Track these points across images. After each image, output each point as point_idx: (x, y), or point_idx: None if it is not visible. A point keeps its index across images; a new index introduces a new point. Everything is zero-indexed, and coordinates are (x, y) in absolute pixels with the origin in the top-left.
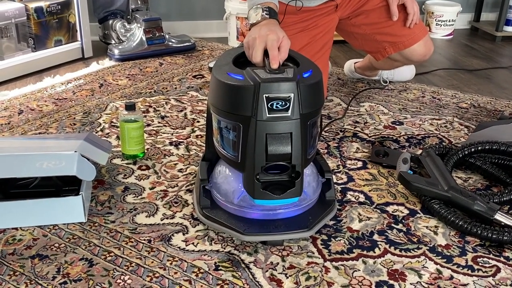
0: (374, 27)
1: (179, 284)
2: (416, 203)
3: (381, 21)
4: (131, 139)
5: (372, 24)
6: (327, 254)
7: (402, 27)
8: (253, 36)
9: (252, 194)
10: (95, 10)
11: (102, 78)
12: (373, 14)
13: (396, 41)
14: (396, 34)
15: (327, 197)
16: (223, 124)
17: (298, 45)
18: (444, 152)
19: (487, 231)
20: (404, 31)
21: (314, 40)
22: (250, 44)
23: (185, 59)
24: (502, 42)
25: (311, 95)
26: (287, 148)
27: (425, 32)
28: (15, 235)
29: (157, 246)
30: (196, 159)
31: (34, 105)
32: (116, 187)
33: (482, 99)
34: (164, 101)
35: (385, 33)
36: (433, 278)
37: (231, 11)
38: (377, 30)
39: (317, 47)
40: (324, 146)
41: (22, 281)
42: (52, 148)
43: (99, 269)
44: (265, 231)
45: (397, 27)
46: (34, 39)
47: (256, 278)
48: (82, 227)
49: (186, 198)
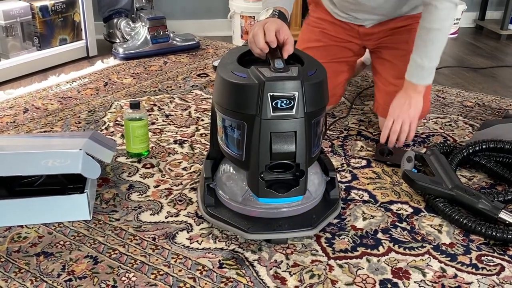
0: (381, 78)
1: (183, 282)
2: (420, 202)
3: (387, 77)
4: (136, 137)
5: (382, 76)
6: (331, 252)
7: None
8: (254, 29)
9: (256, 192)
10: (99, 9)
11: (107, 77)
12: (387, 65)
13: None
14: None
15: (331, 195)
16: (228, 122)
17: (309, 38)
18: (449, 150)
19: (492, 230)
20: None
21: (326, 45)
22: (254, 35)
23: (189, 57)
24: (507, 41)
25: (316, 94)
26: (291, 147)
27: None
28: (20, 233)
29: (161, 244)
30: (201, 157)
31: (39, 104)
32: (121, 185)
33: (487, 98)
34: (169, 100)
35: (382, 92)
36: (437, 276)
37: (235, 10)
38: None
39: (326, 54)
40: (328, 144)
41: (28, 278)
42: (57, 146)
43: (104, 267)
44: (269, 229)
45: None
46: (39, 37)
47: (260, 276)
48: (87, 225)
49: (190, 196)
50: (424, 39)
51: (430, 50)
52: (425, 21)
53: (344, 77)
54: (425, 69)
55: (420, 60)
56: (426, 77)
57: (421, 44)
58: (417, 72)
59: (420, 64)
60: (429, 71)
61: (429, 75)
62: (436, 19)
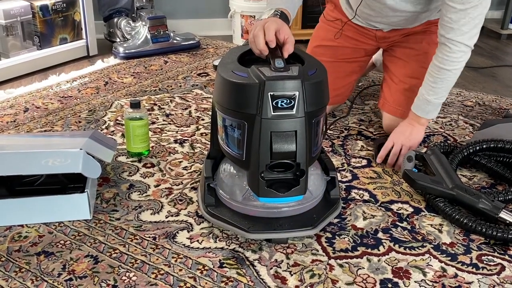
0: (392, 76)
1: (183, 281)
2: (421, 201)
3: (399, 75)
4: (136, 137)
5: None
6: (331, 252)
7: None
8: (254, 28)
9: (256, 192)
10: (100, 8)
11: (107, 76)
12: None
13: (386, 102)
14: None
15: (332, 195)
16: (228, 122)
17: (324, 36)
18: (449, 150)
19: (492, 229)
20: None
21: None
22: (254, 35)
23: (189, 57)
24: (507, 40)
25: (316, 93)
26: (291, 146)
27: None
28: (21, 232)
29: (162, 243)
30: (201, 157)
31: (39, 103)
32: (121, 185)
33: (487, 97)
34: (169, 99)
35: (392, 89)
36: (437, 276)
37: (235, 9)
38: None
39: (339, 54)
40: (329, 144)
41: (28, 278)
42: (57, 146)
43: (104, 266)
44: (269, 229)
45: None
46: (40, 37)
47: (260, 276)
48: (87, 224)
49: (190, 195)
50: (434, 76)
51: (438, 87)
52: (438, 59)
53: (353, 77)
54: (430, 104)
55: (427, 95)
56: (431, 111)
57: (430, 80)
58: (423, 106)
59: (427, 99)
60: (434, 107)
61: (434, 110)
62: (448, 61)
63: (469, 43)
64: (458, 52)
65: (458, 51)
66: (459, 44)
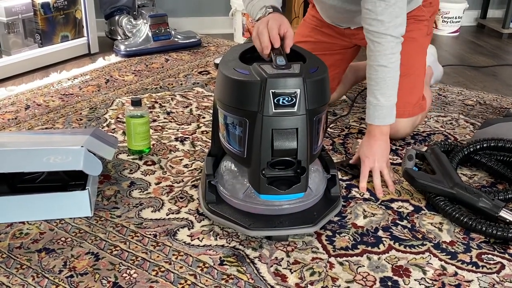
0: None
1: (184, 279)
2: (421, 200)
3: None
4: (137, 134)
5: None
6: (331, 249)
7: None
8: (258, 27)
9: (257, 189)
10: (101, 6)
11: (108, 74)
12: None
13: None
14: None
15: (332, 193)
16: (229, 119)
17: (302, 33)
18: (450, 149)
19: (492, 228)
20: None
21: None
22: (258, 33)
23: (191, 55)
24: (508, 39)
25: (317, 91)
26: (293, 144)
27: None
28: (22, 229)
29: (162, 240)
30: (202, 154)
31: (40, 101)
32: (122, 182)
33: (488, 97)
34: (170, 97)
35: None
36: (437, 274)
37: (237, 7)
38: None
39: (317, 48)
40: (329, 142)
41: (29, 275)
42: (58, 143)
43: (105, 263)
44: (270, 226)
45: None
46: (41, 34)
47: (261, 273)
48: (88, 221)
49: (191, 193)
50: (374, 78)
51: (383, 88)
52: (370, 59)
53: (336, 70)
54: (384, 107)
55: (376, 100)
56: (387, 115)
57: (372, 84)
58: (376, 114)
59: (377, 104)
60: (388, 109)
61: (389, 113)
62: (381, 55)
63: (395, 33)
64: (387, 44)
65: (387, 42)
66: (385, 36)
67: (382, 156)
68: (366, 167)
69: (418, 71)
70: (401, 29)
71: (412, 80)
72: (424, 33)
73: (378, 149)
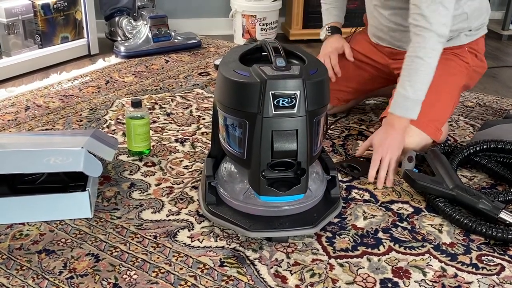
0: None
1: (184, 280)
2: (421, 201)
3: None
4: (137, 135)
5: None
6: (331, 251)
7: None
8: (321, 56)
9: (257, 190)
10: (101, 7)
11: (108, 75)
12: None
13: None
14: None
15: (332, 194)
16: (229, 121)
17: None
18: (450, 150)
19: (492, 230)
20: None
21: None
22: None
23: (190, 56)
24: (508, 41)
25: (317, 93)
26: (292, 145)
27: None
28: (22, 230)
29: (162, 242)
30: (202, 156)
31: (40, 102)
32: (122, 183)
33: (488, 98)
34: (170, 98)
35: None
36: (437, 276)
37: (237, 9)
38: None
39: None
40: (330, 144)
41: (29, 276)
42: (59, 144)
43: (105, 265)
44: (270, 228)
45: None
46: (41, 35)
47: (261, 275)
48: (88, 222)
49: (191, 194)
50: (408, 68)
51: (414, 80)
52: (409, 50)
53: (352, 85)
54: (409, 99)
55: (404, 90)
56: (411, 109)
57: (404, 75)
58: (401, 103)
59: (404, 94)
60: (413, 103)
61: (413, 107)
62: (420, 48)
63: (439, 32)
64: (429, 38)
65: (430, 37)
66: (428, 32)
67: (396, 148)
68: (378, 154)
69: (446, 93)
70: (445, 29)
71: (438, 97)
72: (463, 70)
73: (394, 140)
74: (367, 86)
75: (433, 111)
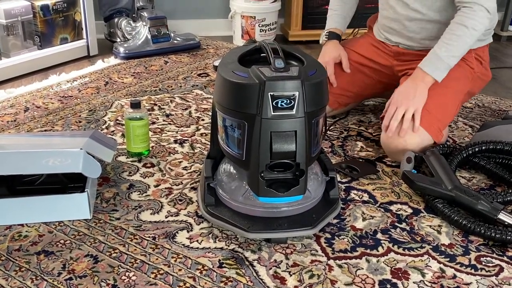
0: None
1: (183, 281)
2: (420, 202)
3: None
4: (136, 137)
5: None
6: (330, 252)
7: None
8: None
9: (256, 191)
10: (100, 8)
11: (108, 76)
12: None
13: None
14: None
15: (331, 195)
16: (228, 122)
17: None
18: (448, 151)
19: (491, 231)
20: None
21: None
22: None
23: (190, 57)
24: (507, 42)
25: (316, 94)
26: (291, 146)
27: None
28: (21, 232)
29: (161, 243)
30: (201, 157)
31: (39, 103)
32: (121, 185)
33: (487, 99)
34: (169, 99)
35: None
36: (436, 277)
37: (236, 10)
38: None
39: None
40: (328, 145)
41: (28, 277)
42: (58, 145)
43: (104, 266)
44: (269, 229)
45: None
46: (40, 37)
47: (259, 276)
48: (87, 224)
49: (190, 195)
50: (449, 32)
51: (453, 45)
52: (456, 18)
53: (354, 89)
54: (441, 59)
55: (439, 50)
56: (439, 69)
57: (446, 37)
58: (433, 61)
59: (438, 53)
60: (444, 65)
61: (442, 69)
62: (468, 18)
63: (486, 5)
64: (478, 12)
65: (479, 10)
66: (477, 5)
67: (412, 99)
68: (393, 105)
69: (451, 95)
70: (493, 4)
71: (443, 99)
72: (468, 75)
73: (412, 93)
74: (367, 91)
75: (437, 111)
